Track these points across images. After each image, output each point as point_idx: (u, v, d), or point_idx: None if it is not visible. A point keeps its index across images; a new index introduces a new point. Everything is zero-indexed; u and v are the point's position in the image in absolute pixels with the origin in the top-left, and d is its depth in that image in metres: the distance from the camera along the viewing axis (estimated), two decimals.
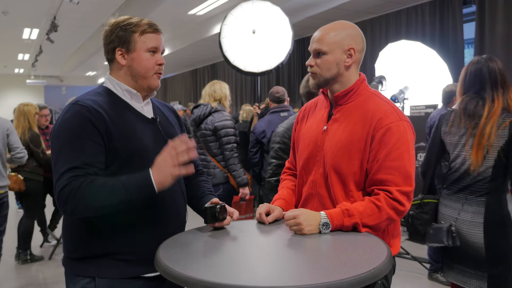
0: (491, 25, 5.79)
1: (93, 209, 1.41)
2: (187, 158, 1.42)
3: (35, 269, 4.49)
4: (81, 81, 19.79)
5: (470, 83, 2.27)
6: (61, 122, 1.49)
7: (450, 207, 2.31)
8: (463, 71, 2.34)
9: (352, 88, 1.68)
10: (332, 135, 1.68)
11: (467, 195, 2.24)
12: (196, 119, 3.78)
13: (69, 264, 1.56)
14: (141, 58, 1.56)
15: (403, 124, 1.61)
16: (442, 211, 2.35)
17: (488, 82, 2.21)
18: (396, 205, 1.56)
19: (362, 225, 1.54)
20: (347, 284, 1.11)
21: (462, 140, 2.25)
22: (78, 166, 1.41)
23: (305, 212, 1.55)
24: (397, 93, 4.90)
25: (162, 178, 1.42)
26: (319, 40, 1.66)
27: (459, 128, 2.26)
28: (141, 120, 1.59)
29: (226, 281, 1.12)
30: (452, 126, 2.28)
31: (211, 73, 13.65)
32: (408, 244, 4.91)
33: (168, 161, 1.42)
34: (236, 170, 3.68)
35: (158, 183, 1.41)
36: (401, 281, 3.89)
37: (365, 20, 7.80)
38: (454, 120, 2.28)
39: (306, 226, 1.51)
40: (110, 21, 1.61)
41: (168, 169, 1.41)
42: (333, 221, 1.54)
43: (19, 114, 4.55)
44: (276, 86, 4.20)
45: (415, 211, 2.42)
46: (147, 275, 1.55)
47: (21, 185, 4.44)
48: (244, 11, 5.05)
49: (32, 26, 10.01)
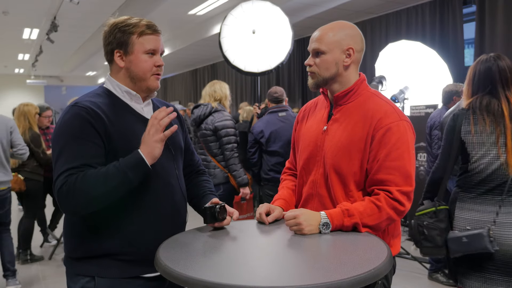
0: (491, 25, 5.79)
1: (93, 200, 1.41)
2: (168, 120, 1.48)
3: (35, 269, 4.49)
4: (81, 81, 19.79)
5: (480, 82, 2.21)
6: (60, 124, 1.50)
7: (478, 211, 2.14)
8: (470, 70, 2.27)
9: (352, 88, 1.68)
10: (332, 135, 1.68)
11: (504, 196, 2.09)
12: (196, 119, 3.78)
13: (69, 264, 1.57)
14: (139, 60, 1.56)
15: (403, 124, 1.61)
16: (465, 216, 2.18)
17: (498, 81, 2.17)
18: (396, 205, 1.56)
19: (362, 225, 1.54)
20: (347, 284, 1.11)
21: (490, 139, 2.15)
22: (76, 166, 1.42)
23: (305, 212, 1.55)
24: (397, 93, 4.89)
25: (150, 149, 1.45)
26: (318, 40, 1.66)
27: (485, 127, 2.16)
28: (140, 121, 1.59)
29: (226, 281, 1.12)
30: (475, 125, 2.18)
31: (211, 73, 13.65)
32: (408, 244, 4.92)
33: (151, 130, 1.46)
34: (237, 170, 3.68)
35: (147, 155, 1.45)
36: (401, 281, 3.89)
37: (365, 20, 7.80)
38: (476, 119, 2.18)
39: (306, 226, 1.51)
40: (109, 22, 1.60)
41: (152, 137, 1.46)
42: (333, 221, 1.54)
43: (19, 114, 4.55)
44: (274, 86, 4.21)
45: (430, 221, 2.23)
46: (147, 275, 1.55)
47: (21, 185, 4.44)
48: (244, 11, 5.05)
49: (32, 26, 10.01)
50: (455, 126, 2.23)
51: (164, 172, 1.60)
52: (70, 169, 1.41)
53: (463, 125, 2.21)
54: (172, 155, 1.66)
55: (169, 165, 1.63)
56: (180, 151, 1.72)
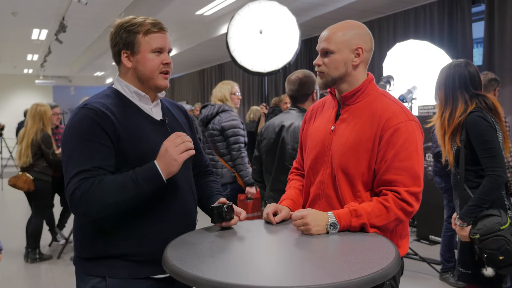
0: (500, 24, 5.74)
1: (106, 208, 1.43)
2: (190, 146, 1.49)
3: (44, 268, 4.52)
4: (89, 81, 19.90)
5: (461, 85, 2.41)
6: (70, 126, 1.50)
7: None
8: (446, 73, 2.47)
9: (360, 88, 1.67)
10: (339, 135, 1.67)
11: None
12: (203, 119, 3.79)
13: (80, 264, 1.58)
14: (146, 59, 1.55)
15: (412, 124, 1.60)
16: None
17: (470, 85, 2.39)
18: (404, 205, 1.55)
19: (370, 226, 1.53)
20: (355, 284, 1.11)
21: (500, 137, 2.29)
22: (87, 169, 1.42)
23: (313, 212, 1.54)
24: (405, 93, 4.87)
25: (168, 165, 1.45)
26: (327, 39, 1.66)
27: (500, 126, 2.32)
28: (149, 122, 1.59)
29: (234, 281, 1.12)
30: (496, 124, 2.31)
31: (218, 73, 13.65)
32: (416, 244, 4.90)
33: (172, 148, 1.46)
34: (243, 170, 3.68)
35: (164, 170, 1.45)
36: (409, 282, 3.87)
37: (373, 19, 7.77)
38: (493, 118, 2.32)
39: (313, 226, 1.51)
40: (115, 22, 1.59)
41: (172, 154, 1.45)
42: (341, 222, 1.53)
43: (34, 114, 4.57)
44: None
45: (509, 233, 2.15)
46: (157, 276, 1.55)
47: (30, 185, 4.48)
48: (251, 11, 5.05)
49: (41, 26, 10.07)
50: (491, 125, 2.27)
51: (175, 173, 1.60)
52: (82, 172, 1.42)
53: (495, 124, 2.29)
54: None
55: None
56: None
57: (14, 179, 4.51)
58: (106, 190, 1.40)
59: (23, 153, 4.53)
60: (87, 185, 1.40)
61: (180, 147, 1.47)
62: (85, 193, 1.39)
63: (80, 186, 1.40)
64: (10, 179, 4.55)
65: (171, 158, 1.45)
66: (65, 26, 8.66)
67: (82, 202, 1.40)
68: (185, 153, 1.48)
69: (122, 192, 1.41)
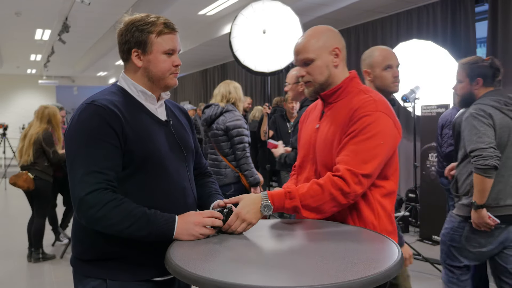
0: (504, 24, 5.72)
1: (110, 230, 1.42)
2: (210, 233, 1.47)
3: (48, 267, 4.53)
4: (92, 82, 19.92)
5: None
6: (77, 123, 1.46)
7: None
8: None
9: (340, 86, 1.71)
10: (321, 133, 1.72)
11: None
12: (207, 119, 3.79)
13: (79, 265, 1.55)
14: (158, 60, 1.54)
15: (379, 114, 1.60)
16: None
17: None
18: (340, 183, 1.51)
19: (304, 208, 1.53)
20: (357, 284, 1.11)
21: None
22: (97, 170, 1.40)
23: (244, 202, 1.53)
24: (408, 92, 4.87)
25: (186, 230, 1.44)
26: (303, 50, 1.70)
27: None
28: (155, 123, 1.58)
29: (236, 280, 1.11)
30: None
31: (221, 73, 13.65)
32: (419, 245, 4.89)
33: (199, 225, 1.44)
34: (249, 169, 3.68)
35: (179, 230, 1.43)
36: (412, 282, 3.84)
37: (376, 19, 7.75)
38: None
39: (250, 218, 1.50)
40: (125, 19, 1.57)
41: (194, 228, 1.44)
42: (274, 203, 1.53)
43: (42, 116, 4.59)
44: None
45: None
46: (157, 279, 1.54)
47: (30, 184, 4.47)
48: (254, 11, 5.05)
49: (44, 27, 10.09)
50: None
51: (177, 175, 1.59)
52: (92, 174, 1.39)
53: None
54: (185, 157, 1.65)
55: (181, 168, 1.62)
56: (191, 153, 1.71)
57: (15, 177, 4.52)
58: (120, 217, 1.39)
59: (24, 152, 4.54)
60: (104, 199, 1.38)
61: (204, 230, 1.45)
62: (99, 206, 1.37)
63: (95, 195, 1.38)
64: (11, 177, 4.57)
65: (190, 230, 1.44)
66: (68, 26, 8.68)
67: (93, 213, 1.38)
68: (199, 235, 1.45)
69: (133, 227, 1.40)
